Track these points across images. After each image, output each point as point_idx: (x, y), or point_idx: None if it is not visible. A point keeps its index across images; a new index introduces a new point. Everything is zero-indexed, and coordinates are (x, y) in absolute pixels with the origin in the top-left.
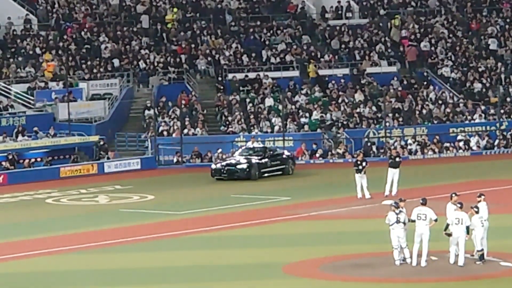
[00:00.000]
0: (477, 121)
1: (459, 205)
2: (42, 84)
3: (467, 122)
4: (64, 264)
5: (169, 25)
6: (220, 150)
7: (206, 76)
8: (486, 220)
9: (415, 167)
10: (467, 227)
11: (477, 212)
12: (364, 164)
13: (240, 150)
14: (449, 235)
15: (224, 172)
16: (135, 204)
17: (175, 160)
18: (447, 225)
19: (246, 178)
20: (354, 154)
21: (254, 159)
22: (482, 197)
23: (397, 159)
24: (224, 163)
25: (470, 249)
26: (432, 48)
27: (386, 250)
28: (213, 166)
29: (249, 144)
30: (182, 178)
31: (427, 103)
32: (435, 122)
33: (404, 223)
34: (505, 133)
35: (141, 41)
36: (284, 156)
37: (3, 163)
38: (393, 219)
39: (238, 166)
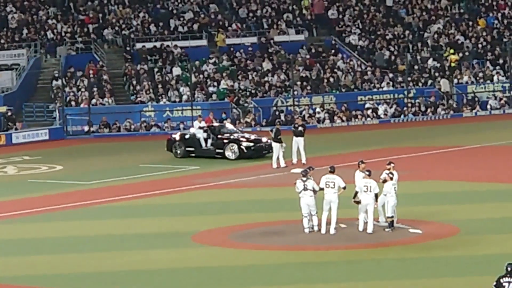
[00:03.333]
0: (385, 89)
1: (367, 173)
2: None
3: (375, 90)
4: None
5: None
6: (129, 120)
7: (114, 45)
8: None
9: (324, 135)
10: (376, 195)
11: (391, 179)
12: (301, 128)
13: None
14: (358, 202)
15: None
16: (43, 175)
17: (86, 129)
18: (356, 192)
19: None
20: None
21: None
22: (392, 164)
23: (300, 128)
24: (250, 140)
25: (378, 216)
26: (340, 16)
27: (296, 218)
28: (245, 144)
29: (197, 124)
30: (91, 148)
31: (335, 71)
32: (343, 90)
33: (314, 191)
34: (413, 100)
35: (48, 11)
36: None
37: None
38: (301, 187)
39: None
